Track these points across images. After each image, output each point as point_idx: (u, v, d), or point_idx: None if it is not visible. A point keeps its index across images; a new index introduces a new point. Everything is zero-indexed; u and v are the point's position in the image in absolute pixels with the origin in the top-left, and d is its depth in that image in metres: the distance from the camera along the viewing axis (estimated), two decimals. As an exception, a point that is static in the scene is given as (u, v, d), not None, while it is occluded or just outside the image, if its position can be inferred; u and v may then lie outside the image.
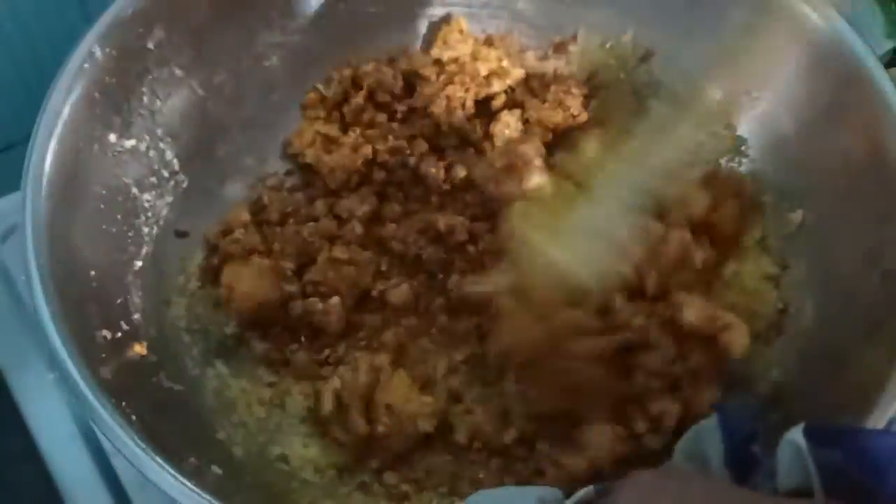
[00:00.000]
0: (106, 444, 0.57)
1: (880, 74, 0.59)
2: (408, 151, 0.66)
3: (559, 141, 0.67)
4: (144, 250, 0.59)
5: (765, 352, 0.61)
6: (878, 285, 0.56)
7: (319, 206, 0.65)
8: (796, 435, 0.39)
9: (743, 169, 0.66)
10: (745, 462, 0.42)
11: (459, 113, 0.67)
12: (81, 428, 0.59)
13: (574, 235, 0.57)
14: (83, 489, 0.57)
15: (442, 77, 0.67)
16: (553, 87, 0.67)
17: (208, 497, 0.45)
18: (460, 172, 0.66)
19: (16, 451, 0.60)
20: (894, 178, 0.57)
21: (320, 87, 0.67)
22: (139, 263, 0.59)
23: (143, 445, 0.46)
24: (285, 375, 0.60)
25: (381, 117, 0.67)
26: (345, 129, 0.67)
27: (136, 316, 0.56)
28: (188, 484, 0.45)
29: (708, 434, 0.43)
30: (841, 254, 0.60)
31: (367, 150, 0.65)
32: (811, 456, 0.38)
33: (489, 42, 0.69)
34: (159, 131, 0.61)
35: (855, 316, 0.57)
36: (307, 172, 0.67)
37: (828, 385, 0.56)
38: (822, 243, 0.61)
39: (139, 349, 0.55)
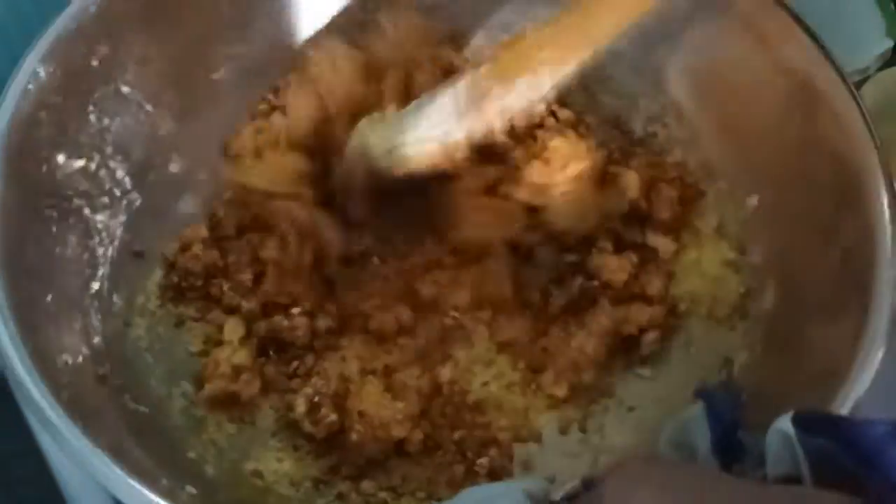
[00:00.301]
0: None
1: (827, 56, 0.59)
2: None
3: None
4: (101, 272, 0.58)
5: (730, 336, 0.61)
6: (837, 264, 0.57)
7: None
8: (784, 423, 0.39)
9: (697, 156, 0.67)
10: (731, 449, 0.42)
11: None
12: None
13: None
14: (84, 488, 0.56)
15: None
16: None
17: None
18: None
19: (17, 450, 0.59)
20: (847, 158, 0.58)
21: (270, 97, 0.66)
22: (96, 285, 0.58)
23: (115, 469, 0.45)
24: (254, 390, 0.59)
25: None
26: None
27: (97, 339, 0.55)
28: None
29: (694, 422, 0.43)
30: (799, 235, 0.60)
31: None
32: (799, 444, 0.38)
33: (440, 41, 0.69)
34: (109, 150, 0.60)
35: (817, 296, 0.57)
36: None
37: (794, 366, 0.56)
38: (780, 226, 0.62)
39: (102, 372, 0.54)
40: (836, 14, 0.62)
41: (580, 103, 0.68)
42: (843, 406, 0.50)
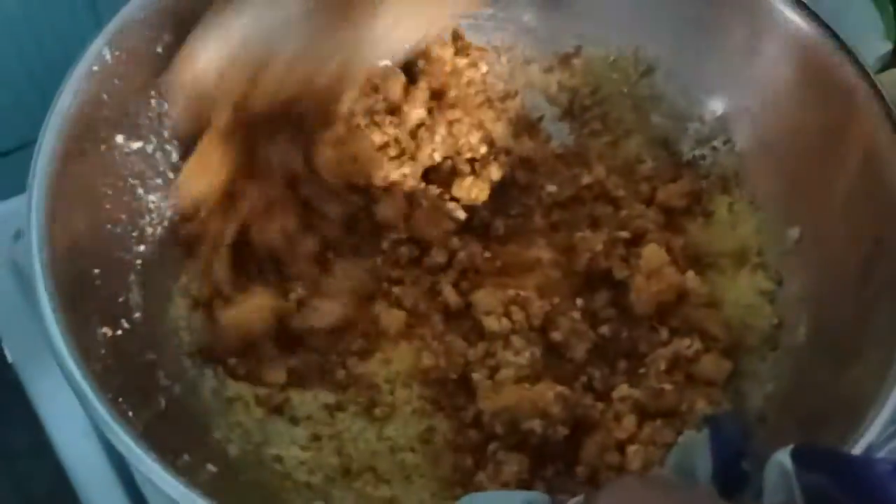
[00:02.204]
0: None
1: (877, 94, 0.59)
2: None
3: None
4: (148, 250, 0.60)
5: (759, 366, 0.61)
6: (870, 302, 0.56)
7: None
8: (783, 456, 0.39)
9: (741, 184, 0.67)
10: (733, 478, 0.42)
11: None
12: (94, 424, 0.59)
13: None
14: (96, 483, 0.58)
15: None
16: None
17: (198, 494, 0.45)
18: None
19: (30, 447, 0.60)
20: (889, 197, 0.57)
21: None
22: (142, 263, 0.59)
23: (138, 441, 0.47)
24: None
25: None
26: None
27: (137, 314, 0.57)
28: (180, 480, 0.46)
29: (698, 447, 0.43)
30: (836, 270, 0.60)
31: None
32: (796, 478, 0.38)
33: (496, 52, 0.70)
34: (166, 134, 0.62)
35: (847, 331, 0.57)
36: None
37: (820, 399, 0.56)
38: (818, 260, 0.62)
39: (138, 347, 0.55)
40: (836, 17, 0.61)
41: (629, 121, 0.69)
42: (865, 439, 0.49)
